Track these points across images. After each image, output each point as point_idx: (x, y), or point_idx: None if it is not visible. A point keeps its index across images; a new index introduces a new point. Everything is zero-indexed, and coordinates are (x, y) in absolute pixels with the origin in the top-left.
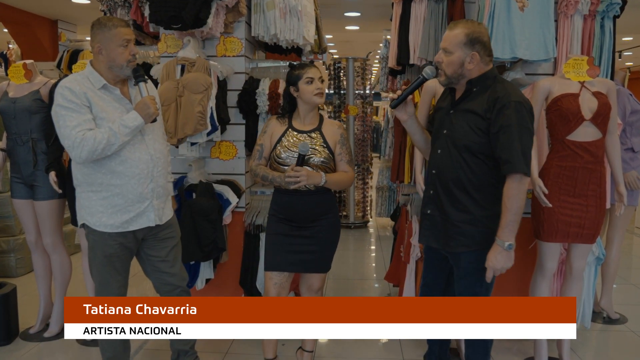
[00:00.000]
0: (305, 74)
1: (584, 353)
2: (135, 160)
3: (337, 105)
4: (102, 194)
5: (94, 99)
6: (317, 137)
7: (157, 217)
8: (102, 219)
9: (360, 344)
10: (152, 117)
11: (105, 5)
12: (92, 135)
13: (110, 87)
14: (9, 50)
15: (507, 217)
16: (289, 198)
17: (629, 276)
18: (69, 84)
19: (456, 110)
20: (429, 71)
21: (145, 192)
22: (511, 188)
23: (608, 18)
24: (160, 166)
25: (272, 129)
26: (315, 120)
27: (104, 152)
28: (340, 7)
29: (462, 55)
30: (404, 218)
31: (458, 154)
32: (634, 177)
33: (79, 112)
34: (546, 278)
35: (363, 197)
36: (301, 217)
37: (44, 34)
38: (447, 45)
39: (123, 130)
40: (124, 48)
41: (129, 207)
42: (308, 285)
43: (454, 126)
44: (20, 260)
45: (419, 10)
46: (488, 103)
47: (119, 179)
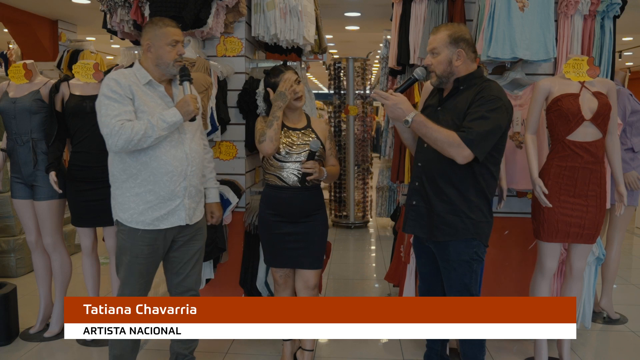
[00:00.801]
0: (283, 83)
1: (584, 353)
2: (170, 157)
3: (337, 106)
4: (135, 190)
5: (138, 93)
6: (310, 133)
7: (187, 216)
8: (134, 215)
9: (360, 344)
10: (191, 115)
11: (105, 5)
12: (130, 126)
13: (155, 83)
14: (9, 50)
15: (429, 127)
16: (282, 194)
17: (629, 276)
18: (116, 76)
19: (443, 107)
20: (419, 72)
21: (177, 190)
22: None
23: (608, 18)
24: (195, 166)
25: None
26: (303, 117)
27: (139, 144)
28: (340, 7)
29: (448, 53)
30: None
31: None
32: (634, 177)
33: (121, 103)
34: (546, 278)
35: (363, 197)
36: (294, 213)
37: (44, 34)
38: (433, 47)
39: (161, 124)
40: (172, 47)
41: (161, 204)
42: (304, 281)
43: (440, 122)
44: (20, 260)
45: (419, 11)
46: (472, 98)
47: (152, 175)
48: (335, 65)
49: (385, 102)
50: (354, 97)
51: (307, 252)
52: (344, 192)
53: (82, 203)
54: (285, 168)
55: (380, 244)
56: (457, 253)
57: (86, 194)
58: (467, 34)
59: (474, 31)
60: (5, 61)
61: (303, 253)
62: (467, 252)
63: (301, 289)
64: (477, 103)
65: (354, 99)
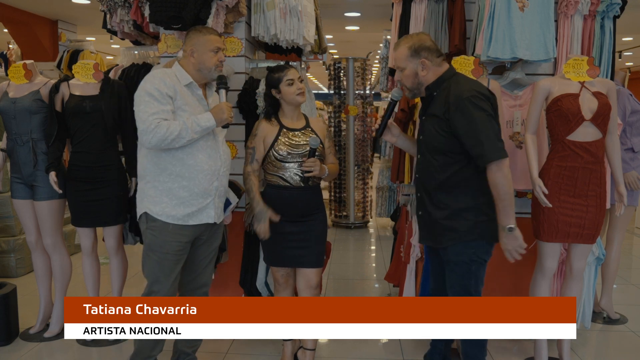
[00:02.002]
0: (286, 77)
1: (584, 353)
2: (206, 156)
3: (337, 106)
4: (168, 185)
5: (181, 92)
6: (310, 133)
7: (216, 215)
8: (165, 209)
9: (360, 344)
10: (225, 122)
11: (105, 5)
12: (167, 125)
13: (195, 86)
14: (9, 51)
15: (499, 205)
16: (283, 193)
17: (629, 276)
18: (162, 75)
19: (426, 116)
20: (395, 93)
21: (209, 188)
22: (493, 177)
23: (608, 18)
24: (226, 167)
25: (264, 131)
26: (302, 117)
27: (172, 144)
28: (340, 7)
29: (413, 66)
30: (404, 218)
31: (431, 157)
32: (634, 177)
33: (161, 102)
34: (546, 278)
35: (363, 197)
36: (294, 213)
37: (44, 34)
38: (397, 64)
39: (195, 127)
40: (214, 54)
41: (193, 201)
42: (306, 281)
43: (425, 132)
44: (20, 260)
45: (419, 11)
46: (445, 104)
47: (188, 171)
48: (335, 65)
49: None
50: (354, 97)
51: (308, 251)
52: (344, 192)
53: (82, 203)
54: (287, 168)
55: (380, 244)
56: (455, 254)
57: (86, 194)
58: (426, 41)
59: (474, 31)
60: (5, 61)
61: (304, 252)
62: (466, 253)
63: (303, 288)
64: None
65: (354, 99)
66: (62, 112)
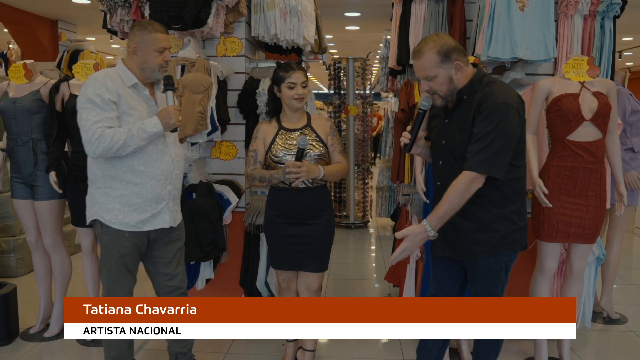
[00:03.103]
0: (289, 79)
1: (584, 353)
2: (157, 161)
3: (337, 105)
4: (120, 192)
5: (125, 96)
6: (309, 132)
7: (171, 219)
8: (118, 216)
9: (360, 344)
10: (173, 127)
11: (105, 5)
12: (111, 134)
13: (141, 86)
14: (9, 50)
15: (443, 208)
16: (286, 195)
17: (629, 276)
18: (103, 79)
19: (450, 120)
20: (424, 102)
21: (163, 193)
22: (459, 182)
23: (608, 18)
24: (179, 169)
25: (264, 133)
26: (303, 118)
27: (118, 152)
28: (340, 7)
29: (445, 72)
30: (404, 218)
31: (458, 165)
32: (634, 177)
33: (104, 109)
34: (546, 278)
35: (363, 197)
36: (298, 214)
37: (44, 34)
38: (426, 74)
39: (142, 134)
40: (159, 54)
41: (146, 207)
42: (307, 284)
43: (450, 137)
44: (20, 260)
45: (419, 11)
46: (476, 108)
47: (139, 178)
48: (335, 65)
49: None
50: (354, 97)
51: (310, 255)
52: (344, 192)
53: (82, 203)
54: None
55: (380, 244)
56: (486, 266)
57: (86, 194)
58: (450, 40)
59: (474, 31)
60: (5, 61)
61: (306, 256)
62: (496, 263)
63: (303, 291)
64: (480, 117)
65: (354, 99)
66: (62, 112)
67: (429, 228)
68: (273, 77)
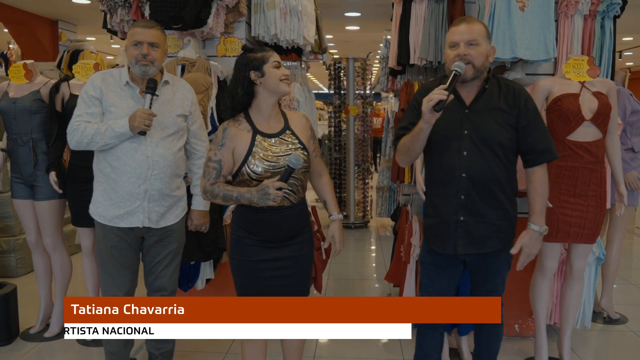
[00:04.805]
0: (272, 57)
1: (584, 353)
2: (129, 158)
3: (337, 106)
4: (103, 185)
5: (108, 94)
6: (291, 138)
7: (147, 219)
8: (99, 209)
9: (360, 344)
10: (137, 129)
11: (105, 5)
12: (82, 128)
13: (132, 85)
14: (9, 50)
15: (541, 203)
16: (263, 216)
17: (629, 276)
18: (95, 76)
19: (473, 110)
20: (462, 65)
21: (136, 192)
22: (544, 175)
23: (608, 18)
24: (158, 170)
25: (234, 140)
26: (280, 117)
27: (89, 146)
28: (340, 7)
29: (487, 47)
30: (404, 218)
31: (492, 152)
32: (634, 177)
33: (87, 104)
34: (546, 278)
35: (363, 197)
36: (279, 236)
37: (44, 34)
38: (475, 37)
39: (110, 133)
40: (135, 47)
41: (120, 203)
42: None
43: (479, 126)
44: (20, 260)
45: (420, 11)
46: (511, 99)
47: (114, 173)
48: (335, 65)
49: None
50: (354, 97)
51: (294, 280)
52: (344, 192)
53: (82, 203)
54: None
55: (380, 244)
56: (504, 258)
57: (86, 194)
58: None
59: None
60: (5, 61)
61: (289, 281)
62: (510, 257)
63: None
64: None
65: (354, 99)
66: (63, 112)
67: (538, 227)
68: (246, 63)
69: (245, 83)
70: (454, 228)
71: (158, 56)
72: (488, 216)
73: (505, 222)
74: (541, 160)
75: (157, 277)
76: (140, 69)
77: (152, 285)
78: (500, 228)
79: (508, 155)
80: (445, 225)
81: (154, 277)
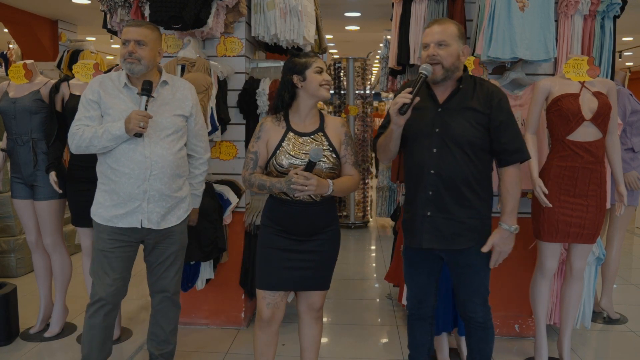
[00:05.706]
0: (315, 63)
1: (584, 353)
2: (128, 160)
3: (337, 106)
4: (103, 187)
5: (105, 97)
6: (322, 139)
7: (147, 220)
8: (99, 209)
9: (360, 344)
10: (133, 132)
11: (105, 5)
12: (81, 132)
13: (130, 86)
14: (9, 51)
15: (512, 204)
16: (288, 208)
17: (629, 276)
18: (94, 80)
19: (446, 108)
20: (428, 68)
21: (135, 192)
22: (516, 175)
23: (608, 18)
24: (158, 170)
25: (268, 133)
26: (317, 119)
27: (88, 150)
28: (340, 7)
29: (458, 47)
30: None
31: (461, 151)
32: (634, 177)
33: (86, 108)
34: (546, 278)
35: (363, 197)
36: (302, 230)
37: (44, 34)
38: (444, 38)
39: (107, 135)
40: (124, 46)
41: (120, 204)
42: (309, 304)
43: (450, 124)
44: (20, 260)
45: (419, 11)
46: (483, 99)
47: (114, 175)
48: (335, 65)
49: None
50: (354, 97)
51: (315, 273)
52: None
53: (82, 203)
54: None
55: (380, 244)
56: (480, 257)
57: (86, 194)
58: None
59: (474, 31)
60: (5, 61)
61: (310, 274)
62: (487, 254)
63: (305, 310)
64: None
65: (354, 99)
66: (63, 112)
67: (508, 226)
68: (291, 67)
69: (289, 86)
70: (421, 222)
71: (145, 54)
72: (456, 213)
73: (475, 221)
74: (513, 160)
75: (160, 279)
76: (126, 67)
77: (155, 287)
78: (470, 226)
79: (479, 155)
80: (414, 220)
81: (156, 279)
